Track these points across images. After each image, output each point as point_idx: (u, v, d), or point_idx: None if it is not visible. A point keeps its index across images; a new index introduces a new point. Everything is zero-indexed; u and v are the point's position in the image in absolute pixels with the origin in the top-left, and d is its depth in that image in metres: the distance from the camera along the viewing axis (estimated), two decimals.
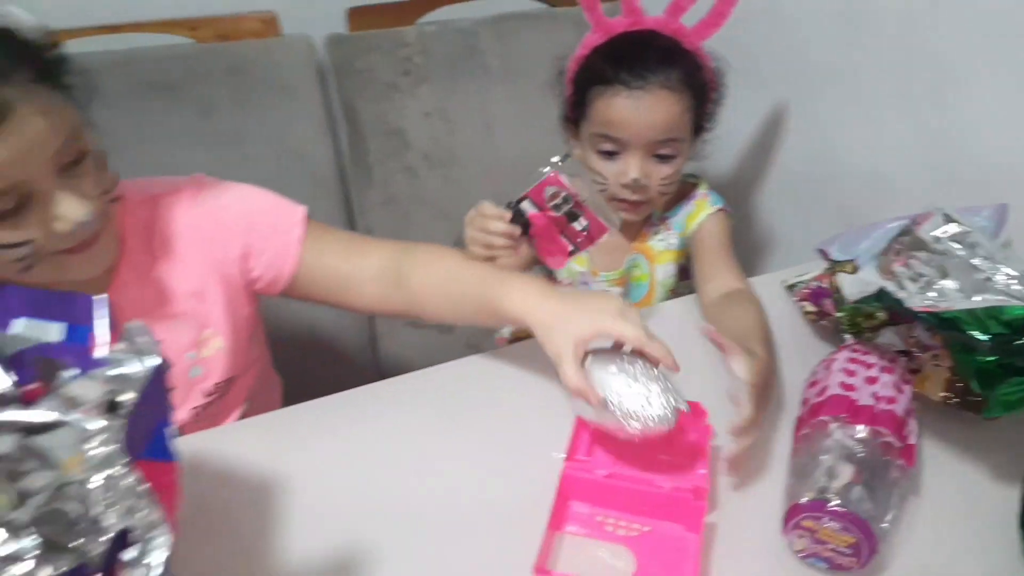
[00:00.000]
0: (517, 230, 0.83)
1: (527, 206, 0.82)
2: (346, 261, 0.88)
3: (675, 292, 1.12)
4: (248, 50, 1.17)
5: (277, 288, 0.88)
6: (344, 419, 0.80)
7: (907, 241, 0.74)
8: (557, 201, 0.82)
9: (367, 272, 0.88)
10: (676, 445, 0.75)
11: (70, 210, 0.66)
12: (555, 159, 0.83)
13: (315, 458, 0.75)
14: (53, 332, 0.50)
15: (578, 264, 1.11)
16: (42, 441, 0.38)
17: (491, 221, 0.83)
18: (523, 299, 0.78)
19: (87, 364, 0.41)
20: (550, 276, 1.16)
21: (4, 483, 0.39)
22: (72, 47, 0.73)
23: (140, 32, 1.14)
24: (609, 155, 0.99)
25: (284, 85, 1.18)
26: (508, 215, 0.83)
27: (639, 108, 0.95)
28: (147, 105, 1.11)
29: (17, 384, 0.43)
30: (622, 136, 0.97)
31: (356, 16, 1.24)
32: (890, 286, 0.70)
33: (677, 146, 0.98)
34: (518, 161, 1.32)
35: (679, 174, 1.01)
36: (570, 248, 0.85)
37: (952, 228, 0.73)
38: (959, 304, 0.69)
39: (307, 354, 1.21)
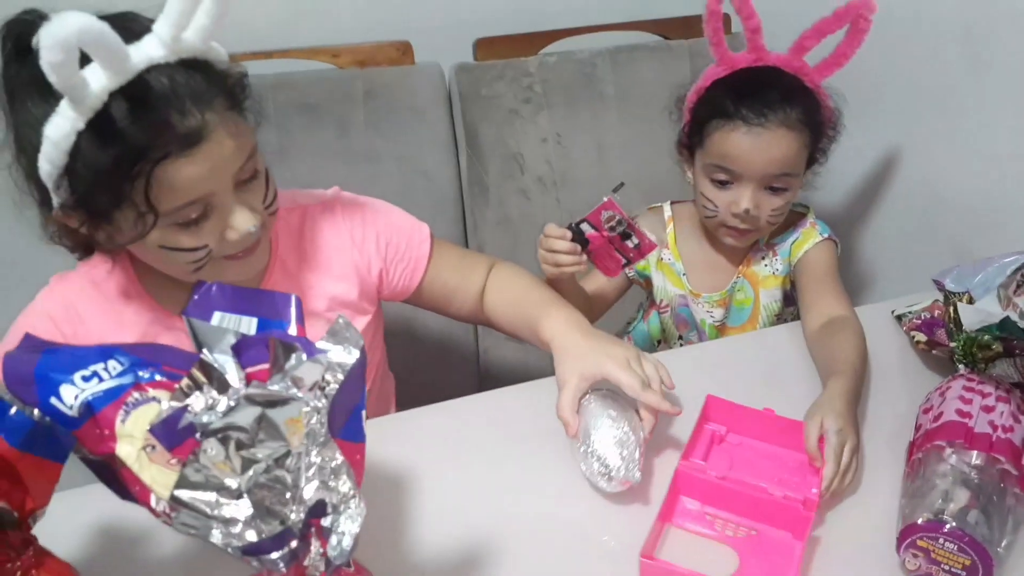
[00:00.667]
0: (577, 247, 0.93)
1: (586, 227, 0.91)
2: (457, 276, 0.98)
3: (780, 318, 1.14)
4: (384, 76, 1.26)
5: (402, 297, 0.98)
6: (453, 424, 0.87)
7: None
8: (612, 223, 0.90)
9: (472, 288, 0.98)
10: (793, 464, 0.78)
11: (242, 222, 0.74)
12: (615, 190, 0.92)
13: (426, 459, 0.81)
14: (247, 326, 0.57)
15: (676, 287, 1.15)
16: (274, 415, 0.45)
17: (554, 241, 0.93)
18: (554, 326, 0.86)
19: (310, 351, 0.48)
20: (649, 296, 1.21)
21: (234, 451, 0.46)
22: None
23: (288, 58, 1.24)
24: (722, 184, 1.02)
25: (415, 109, 1.26)
26: (569, 234, 0.92)
27: (757, 145, 0.97)
28: (292, 123, 1.21)
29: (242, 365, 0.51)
30: (737, 169, 0.99)
31: (483, 46, 1.31)
32: (1013, 315, 0.71)
33: (790, 180, 1.00)
34: (626, 186, 1.36)
35: (789, 205, 1.03)
36: (623, 261, 0.95)
37: None
38: None
39: (417, 358, 1.27)
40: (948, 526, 0.66)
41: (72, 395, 0.49)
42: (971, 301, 0.85)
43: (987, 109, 1.09)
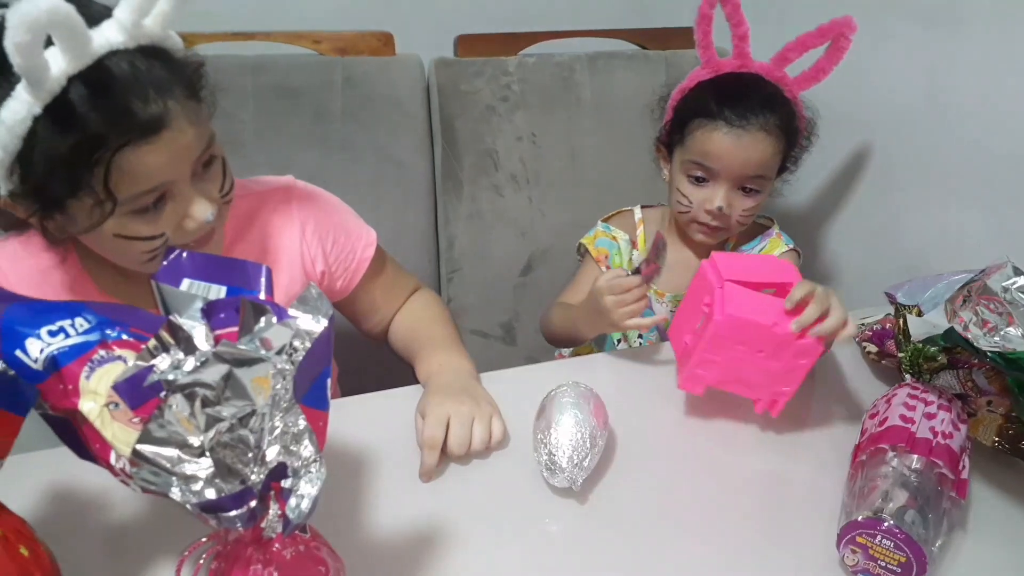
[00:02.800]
0: (646, 290, 0.93)
1: (644, 266, 0.92)
2: (384, 295, 1.01)
3: None
4: (364, 65, 1.26)
5: (335, 299, 0.99)
6: (407, 408, 0.86)
7: (976, 288, 0.79)
8: (661, 254, 0.91)
9: (390, 310, 1.02)
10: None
11: (199, 210, 0.73)
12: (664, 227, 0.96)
13: (379, 442, 0.82)
14: (216, 293, 0.58)
15: None
16: (241, 373, 0.46)
17: (634, 291, 0.92)
18: (430, 368, 0.90)
19: (280, 315, 0.49)
20: None
21: (199, 408, 0.46)
22: (209, 50, 0.80)
23: (269, 41, 1.24)
24: (699, 180, 1.05)
25: (393, 100, 1.27)
26: (638, 279, 0.92)
27: (737, 145, 1.01)
28: (270, 107, 1.21)
29: (211, 328, 0.51)
30: (715, 167, 1.03)
31: (464, 43, 1.33)
32: (957, 327, 0.75)
33: (763, 183, 1.04)
34: (596, 189, 1.39)
35: (759, 208, 1.07)
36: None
37: (1021, 280, 0.78)
38: None
39: (367, 350, 1.27)
40: (886, 524, 0.68)
41: (38, 349, 0.49)
42: (920, 314, 0.88)
43: (948, 130, 1.13)
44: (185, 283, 0.57)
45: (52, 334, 0.50)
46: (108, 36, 0.64)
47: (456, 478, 0.79)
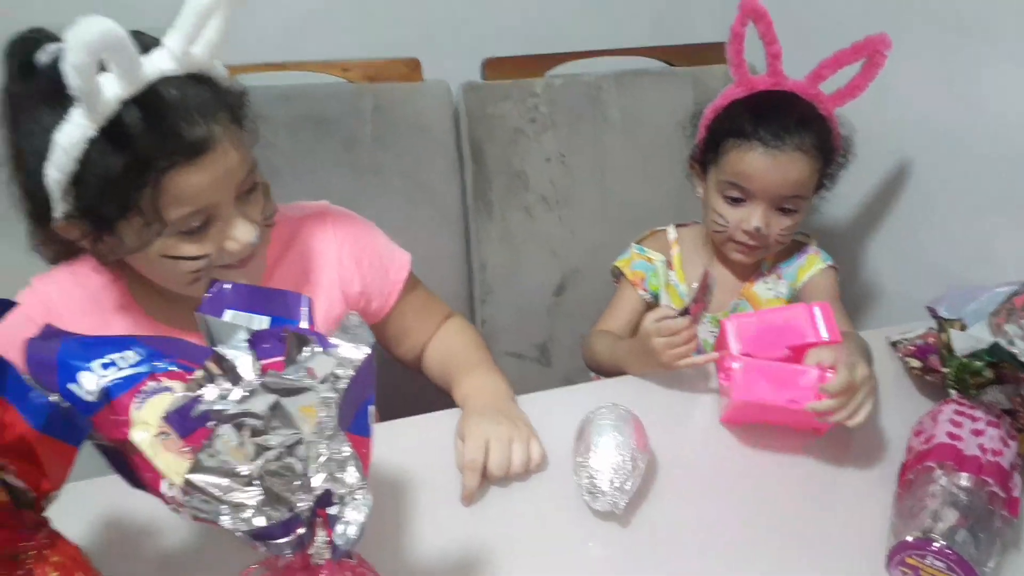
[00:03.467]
0: (696, 331, 0.92)
1: (692, 305, 0.91)
2: (416, 320, 1.02)
3: None
4: (393, 91, 1.28)
5: (371, 323, 0.98)
6: (432, 438, 0.87)
7: (1020, 301, 0.78)
8: (709, 292, 0.91)
9: (423, 336, 1.02)
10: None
11: (242, 233, 0.75)
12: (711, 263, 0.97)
13: (422, 465, 0.82)
14: (259, 324, 0.59)
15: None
16: (288, 403, 0.46)
17: (683, 332, 0.90)
18: (466, 390, 0.91)
19: (324, 344, 0.49)
20: None
21: (248, 438, 0.47)
22: (242, 81, 0.83)
23: (300, 71, 1.26)
24: (735, 201, 1.04)
25: (422, 125, 1.28)
26: (687, 320, 0.90)
27: (773, 166, 1.00)
28: (301, 135, 1.23)
29: (257, 358, 0.52)
30: (751, 187, 1.02)
31: (491, 66, 1.34)
32: (1002, 342, 0.73)
33: (800, 202, 1.03)
34: (627, 207, 1.39)
35: (797, 226, 1.06)
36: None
37: None
38: None
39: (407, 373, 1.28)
40: (937, 544, 0.67)
41: (91, 381, 0.50)
42: (963, 328, 0.87)
43: (987, 141, 1.12)
44: (228, 314, 0.58)
45: (104, 367, 0.51)
46: (158, 63, 0.67)
47: (498, 502, 0.79)
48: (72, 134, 0.64)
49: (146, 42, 0.68)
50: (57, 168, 0.66)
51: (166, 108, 0.67)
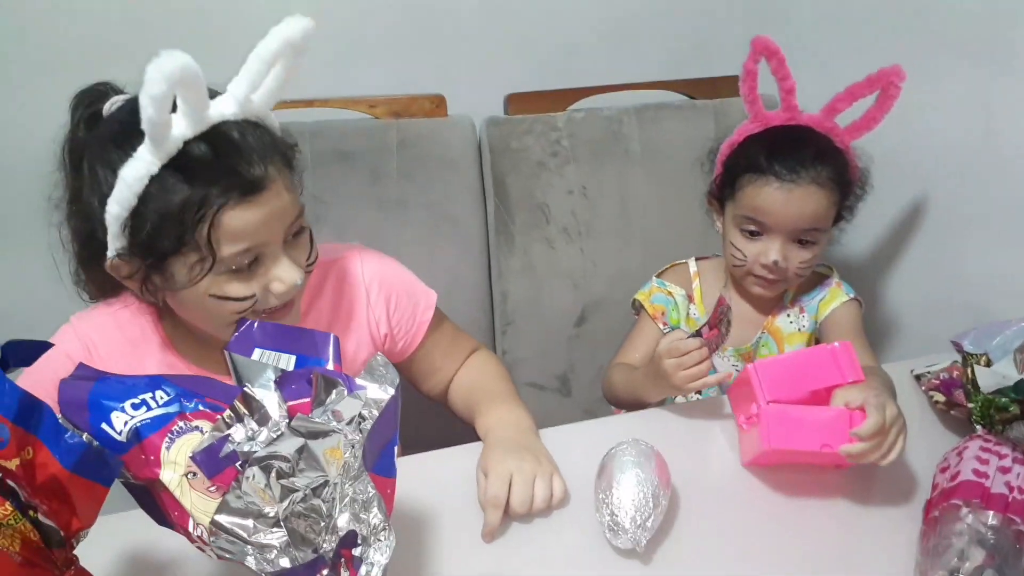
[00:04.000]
0: (707, 352, 0.92)
1: (705, 329, 0.92)
2: (443, 357, 1.03)
3: None
4: (417, 127, 1.30)
5: (396, 361, 1.00)
6: (454, 472, 0.87)
7: None
8: (724, 317, 0.92)
9: (449, 371, 1.03)
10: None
11: (288, 274, 0.77)
12: (726, 289, 0.97)
13: (427, 508, 0.82)
14: (286, 363, 0.60)
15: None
16: (315, 445, 0.47)
17: (694, 355, 0.91)
18: (489, 422, 0.91)
19: (350, 386, 0.50)
20: None
21: (274, 480, 0.48)
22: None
23: (328, 107, 1.29)
24: (752, 235, 1.05)
25: (446, 159, 1.31)
26: (702, 344, 0.91)
27: (789, 201, 1.00)
28: (328, 170, 1.25)
29: (283, 399, 0.53)
30: (768, 222, 1.02)
31: (514, 101, 1.36)
32: None
33: (818, 235, 1.03)
34: (648, 239, 1.39)
35: (817, 259, 1.06)
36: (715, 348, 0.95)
37: None
38: None
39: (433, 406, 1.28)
40: None
41: (122, 421, 0.52)
42: (989, 363, 0.86)
43: (1008, 173, 1.11)
44: (256, 352, 0.60)
45: (135, 407, 0.52)
46: (221, 107, 0.70)
47: (519, 538, 0.79)
48: (137, 168, 0.68)
49: (209, 92, 0.71)
50: (119, 203, 0.69)
51: (226, 146, 0.71)
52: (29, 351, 0.57)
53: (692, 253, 1.24)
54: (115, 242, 0.72)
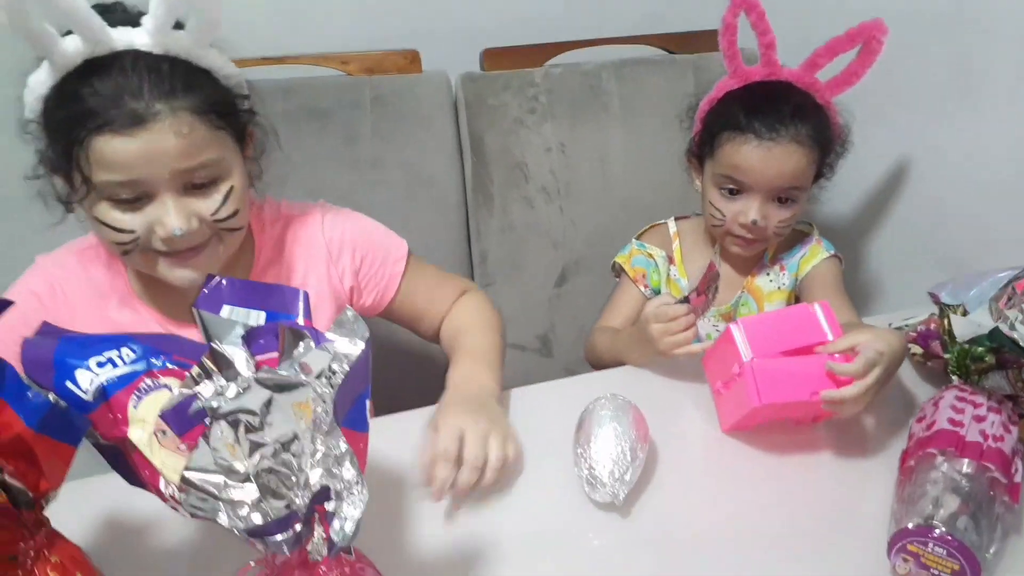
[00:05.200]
0: (693, 319, 0.91)
1: (693, 295, 0.91)
2: (426, 300, 1.01)
3: None
4: (391, 83, 1.27)
5: (372, 314, 0.99)
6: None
7: (1021, 286, 0.78)
8: (713, 284, 0.91)
9: (439, 313, 1.01)
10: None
11: (170, 221, 0.75)
12: (715, 250, 0.96)
13: (403, 467, 0.81)
14: (255, 319, 0.59)
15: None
16: (282, 399, 0.46)
17: (681, 319, 0.90)
18: (455, 377, 0.88)
19: (318, 339, 0.49)
20: None
21: (243, 435, 0.47)
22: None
23: (299, 64, 1.26)
24: (731, 193, 1.03)
25: (421, 117, 1.28)
26: (688, 310, 0.90)
27: (768, 159, 0.98)
28: (301, 129, 1.23)
29: (252, 355, 0.52)
30: (747, 180, 1.01)
31: (490, 57, 1.33)
32: (1003, 327, 0.73)
33: (797, 193, 1.02)
34: (628, 197, 1.39)
35: (796, 217, 1.05)
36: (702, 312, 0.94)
37: None
38: None
39: (403, 366, 1.26)
40: (938, 531, 0.67)
41: (87, 380, 0.50)
42: (965, 313, 0.86)
43: (985, 128, 1.11)
44: (225, 309, 0.59)
45: (100, 365, 0.51)
46: (131, 37, 0.71)
47: (498, 494, 0.79)
48: (37, 77, 0.71)
49: (131, 17, 0.72)
50: (27, 108, 0.73)
51: (115, 73, 0.70)
52: None
53: (672, 211, 1.23)
54: (35, 145, 0.74)
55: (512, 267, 1.37)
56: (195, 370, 0.50)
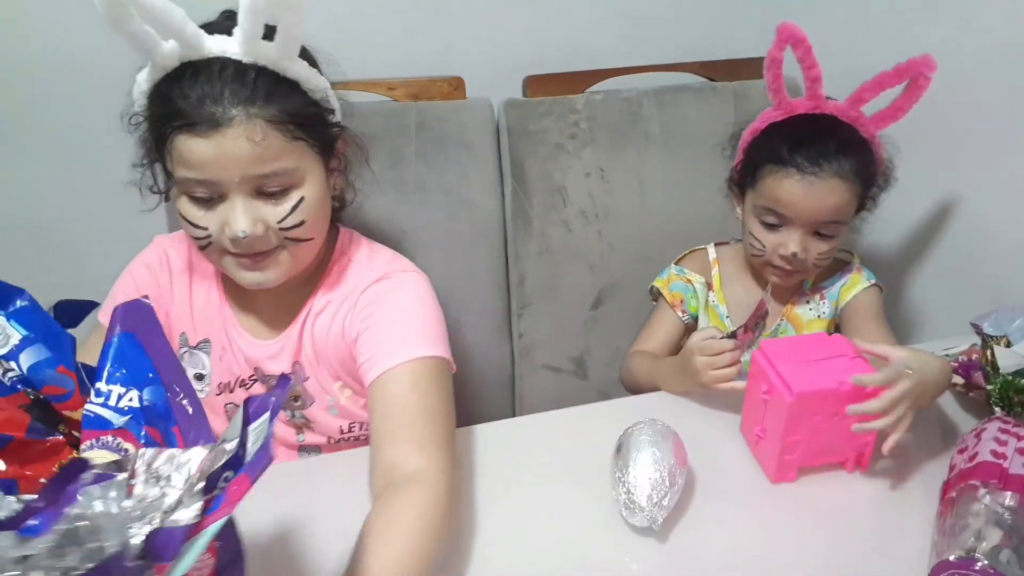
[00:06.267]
0: (738, 355, 0.92)
1: (740, 331, 0.91)
2: (388, 430, 0.79)
3: None
4: (436, 109, 1.30)
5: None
6: (488, 446, 0.89)
7: None
8: (761, 322, 0.91)
9: (382, 458, 0.77)
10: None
11: (235, 221, 0.78)
12: (766, 293, 0.95)
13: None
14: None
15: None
16: None
17: (726, 355, 0.91)
18: None
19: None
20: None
21: None
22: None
23: (347, 89, 1.28)
24: (771, 226, 1.03)
25: (464, 141, 1.31)
26: (732, 343, 0.91)
27: (810, 194, 0.98)
28: (347, 152, 1.26)
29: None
30: (788, 214, 1.01)
31: (532, 83, 1.36)
32: None
33: (838, 228, 1.02)
34: (666, 222, 1.39)
35: (836, 250, 1.05)
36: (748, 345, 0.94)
37: None
38: None
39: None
40: (980, 564, 0.66)
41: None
42: (1008, 345, 0.86)
43: None
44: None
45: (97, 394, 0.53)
46: (224, 45, 0.76)
47: (536, 516, 0.80)
48: (143, 74, 0.78)
49: (227, 26, 0.76)
50: (137, 105, 0.81)
51: (204, 78, 0.75)
52: (77, 310, 0.58)
53: (711, 238, 1.24)
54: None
55: (549, 290, 1.38)
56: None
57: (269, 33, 0.75)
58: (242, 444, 0.44)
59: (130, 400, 0.53)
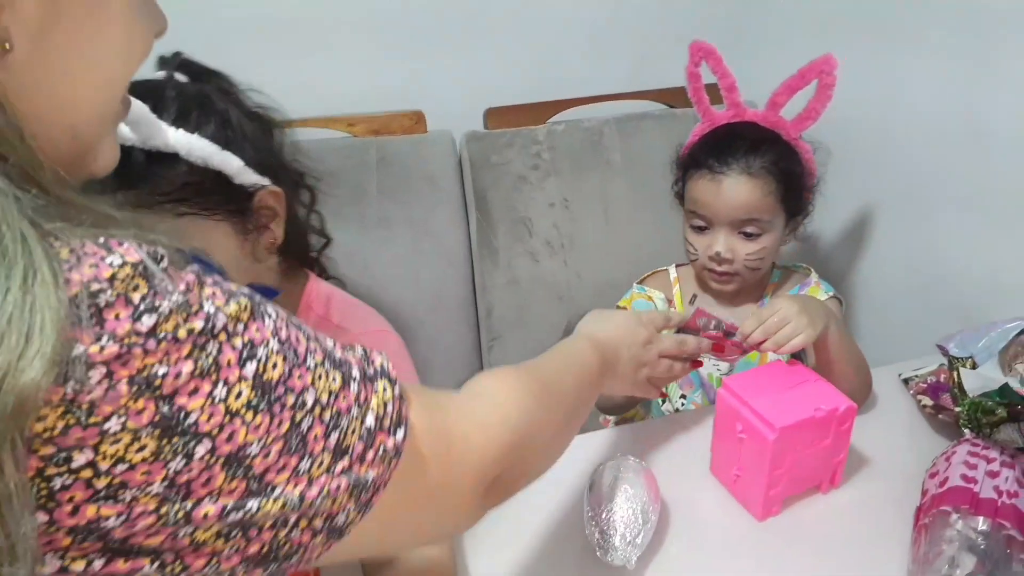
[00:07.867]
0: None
1: (688, 335, 0.90)
2: None
3: None
4: (397, 144, 1.30)
5: None
6: None
7: None
8: (711, 326, 0.90)
9: None
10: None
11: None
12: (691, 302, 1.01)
13: None
14: None
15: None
16: None
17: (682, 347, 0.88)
18: None
19: None
20: None
21: None
22: None
23: (307, 127, 1.28)
24: (700, 230, 1.08)
25: (427, 175, 1.30)
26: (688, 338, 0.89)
27: (718, 191, 1.03)
28: None
29: None
30: (706, 214, 1.06)
31: (493, 115, 1.36)
32: (1013, 382, 0.73)
33: (762, 226, 1.04)
34: (632, 249, 1.39)
35: (767, 252, 1.06)
36: (742, 350, 0.92)
37: None
38: None
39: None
40: None
41: None
42: (975, 366, 0.86)
43: (990, 175, 1.11)
44: None
45: None
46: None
47: (509, 555, 0.78)
48: None
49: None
50: None
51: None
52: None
53: (676, 261, 1.24)
54: None
55: (518, 321, 1.37)
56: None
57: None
58: None
59: None
